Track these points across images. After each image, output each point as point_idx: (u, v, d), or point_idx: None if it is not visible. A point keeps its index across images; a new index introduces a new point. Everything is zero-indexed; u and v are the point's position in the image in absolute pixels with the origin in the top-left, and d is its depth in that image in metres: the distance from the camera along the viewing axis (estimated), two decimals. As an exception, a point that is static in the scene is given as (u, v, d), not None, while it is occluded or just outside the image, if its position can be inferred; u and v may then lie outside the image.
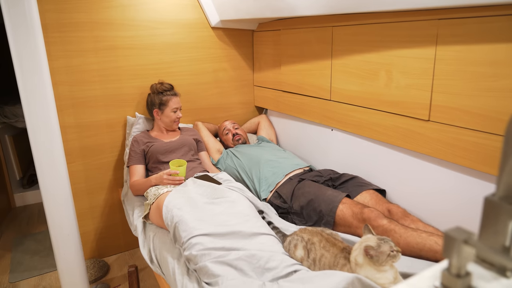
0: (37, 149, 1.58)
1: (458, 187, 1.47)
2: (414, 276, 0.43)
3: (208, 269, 1.23)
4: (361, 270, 1.13)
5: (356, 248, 1.16)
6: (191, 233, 1.37)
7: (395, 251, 1.09)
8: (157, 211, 1.68)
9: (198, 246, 1.31)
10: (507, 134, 0.40)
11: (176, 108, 2.18)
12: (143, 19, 2.25)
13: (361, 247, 1.14)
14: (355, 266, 1.14)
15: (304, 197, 1.75)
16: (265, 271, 1.25)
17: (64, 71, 2.09)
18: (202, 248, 1.30)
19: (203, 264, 1.25)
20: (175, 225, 1.45)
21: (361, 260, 1.13)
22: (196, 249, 1.31)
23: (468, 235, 0.38)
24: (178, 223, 1.44)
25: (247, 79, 2.74)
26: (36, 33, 1.49)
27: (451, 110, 1.41)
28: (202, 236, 1.35)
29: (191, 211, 1.50)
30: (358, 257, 1.14)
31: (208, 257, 1.27)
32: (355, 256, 1.15)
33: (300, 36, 2.16)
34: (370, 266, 1.11)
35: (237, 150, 2.33)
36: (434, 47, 1.43)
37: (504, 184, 0.41)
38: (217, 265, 1.24)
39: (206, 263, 1.25)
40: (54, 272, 2.30)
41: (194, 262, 1.30)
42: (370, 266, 1.11)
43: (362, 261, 1.13)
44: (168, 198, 1.62)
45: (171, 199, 1.62)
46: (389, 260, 1.09)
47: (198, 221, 1.43)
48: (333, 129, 2.10)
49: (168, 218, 1.51)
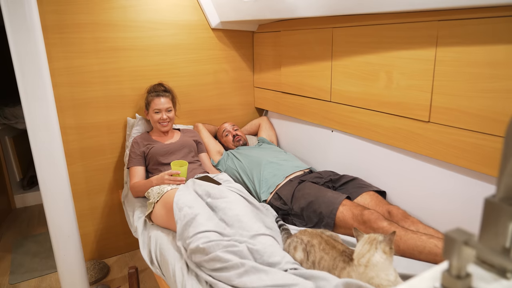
0: (37, 151, 1.59)
1: (458, 188, 1.47)
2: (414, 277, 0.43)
3: (220, 257, 1.25)
4: (372, 270, 1.09)
5: (369, 249, 1.13)
6: (198, 228, 1.38)
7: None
8: (164, 209, 1.67)
9: (204, 239, 1.32)
10: (507, 136, 0.40)
11: (159, 109, 2.13)
12: (144, 20, 2.26)
13: (380, 244, 1.11)
14: (364, 268, 1.11)
15: (304, 198, 1.75)
16: (269, 266, 1.26)
17: (64, 72, 2.10)
18: (208, 240, 1.31)
19: (214, 254, 1.27)
20: (186, 223, 1.44)
21: (378, 258, 1.10)
22: (202, 241, 1.31)
23: (468, 236, 0.38)
24: (190, 221, 1.44)
25: (247, 80, 2.74)
26: (36, 34, 1.50)
27: (451, 111, 1.41)
28: (209, 232, 1.36)
29: (201, 210, 1.50)
30: (374, 257, 1.10)
31: (217, 248, 1.29)
32: (368, 258, 1.11)
33: (300, 37, 2.17)
34: (387, 261, 1.09)
35: (238, 151, 2.33)
36: (434, 49, 1.43)
37: (504, 185, 0.41)
38: (228, 254, 1.26)
39: (217, 253, 1.26)
40: (54, 274, 2.30)
41: (204, 253, 1.30)
42: (387, 260, 1.09)
43: (379, 259, 1.10)
44: (177, 196, 1.60)
45: (181, 196, 1.60)
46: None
47: (206, 219, 1.44)
48: (333, 130, 2.10)
49: (179, 215, 1.50)
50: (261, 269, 1.20)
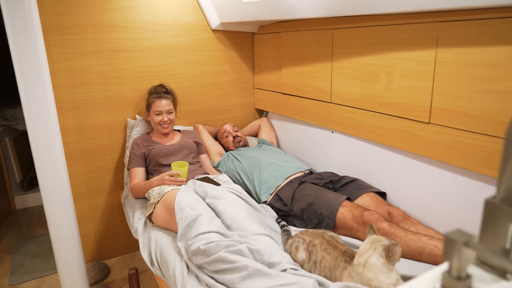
0: (38, 152, 1.59)
1: (458, 189, 1.47)
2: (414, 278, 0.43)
3: (225, 258, 1.25)
4: (370, 271, 1.10)
5: (368, 249, 1.14)
6: (200, 229, 1.38)
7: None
8: (164, 209, 1.67)
9: (205, 240, 1.32)
10: (507, 137, 0.40)
11: (160, 111, 2.12)
12: (144, 21, 2.26)
13: (379, 247, 1.11)
14: (363, 268, 1.12)
15: (305, 200, 1.75)
16: (269, 266, 1.26)
17: (65, 73, 2.10)
18: (209, 242, 1.31)
19: (218, 255, 1.26)
20: (188, 224, 1.44)
21: (375, 260, 1.10)
22: (203, 242, 1.31)
23: (468, 237, 0.38)
24: (192, 221, 1.44)
25: (248, 82, 2.74)
26: (36, 36, 1.50)
27: (451, 113, 1.41)
28: (211, 233, 1.36)
29: (204, 210, 1.49)
30: (371, 258, 1.11)
31: (218, 248, 1.28)
32: (366, 258, 1.12)
33: (301, 39, 2.17)
34: (385, 266, 1.09)
35: (238, 152, 2.33)
36: (434, 50, 1.43)
37: (505, 186, 0.41)
38: (231, 254, 1.26)
39: (220, 253, 1.26)
40: (54, 275, 2.30)
41: (205, 255, 1.30)
42: (385, 266, 1.09)
43: (375, 262, 1.10)
44: (179, 196, 1.60)
45: (182, 197, 1.60)
46: (397, 260, 1.09)
47: (209, 220, 1.44)
48: (333, 131, 2.10)
49: (180, 216, 1.50)
50: (266, 272, 1.19)
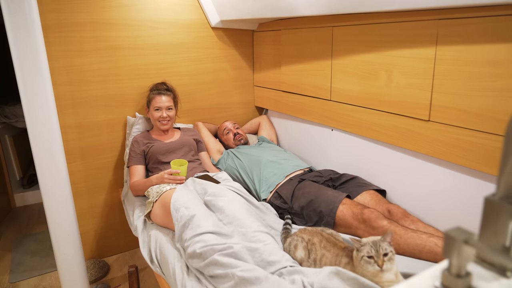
0: (37, 149, 1.58)
1: (458, 187, 1.47)
2: (414, 276, 0.43)
3: (218, 261, 1.25)
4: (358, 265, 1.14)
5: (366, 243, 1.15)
6: (195, 231, 1.38)
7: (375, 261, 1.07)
8: (162, 209, 1.67)
9: (200, 244, 1.32)
10: (507, 135, 0.40)
11: (159, 107, 2.14)
12: (144, 19, 2.26)
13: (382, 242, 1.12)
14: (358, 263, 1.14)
15: (304, 197, 1.75)
16: (268, 264, 1.26)
17: (64, 71, 2.10)
18: (205, 245, 1.31)
19: (212, 258, 1.26)
20: (183, 224, 1.44)
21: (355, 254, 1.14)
22: (199, 246, 1.31)
23: (468, 235, 0.38)
24: (187, 222, 1.44)
25: (247, 79, 2.74)
26: (36, 33, 1.49)
27: (451, 110, 1.41)
28: (206, 234, 1.36)
29: (198, 210, 1.50)
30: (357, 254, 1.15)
31: (213, 252, 1.28)
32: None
33: (300, 36, 2.16)
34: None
35: (238, 150, 2.33)
36: (434, 47, 1.43)
37: (504, 184, 0.41)
38: (225, 257, 1.25)
39: (214, 257, 1.26)
40: (54, 272, 2.31)
41: (201, 258, 1.30)
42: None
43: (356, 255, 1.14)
44: (174, 196, 1.60)
45: (178, 197, 1.60)
46: (369, 266, 1.08)
47: (203, 220, 1.43)
48: (333, 129, 2.10)
49: (176, 217, 1.50)
50: (252, 281, 1.16)
